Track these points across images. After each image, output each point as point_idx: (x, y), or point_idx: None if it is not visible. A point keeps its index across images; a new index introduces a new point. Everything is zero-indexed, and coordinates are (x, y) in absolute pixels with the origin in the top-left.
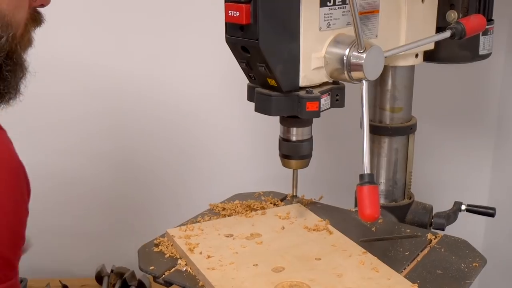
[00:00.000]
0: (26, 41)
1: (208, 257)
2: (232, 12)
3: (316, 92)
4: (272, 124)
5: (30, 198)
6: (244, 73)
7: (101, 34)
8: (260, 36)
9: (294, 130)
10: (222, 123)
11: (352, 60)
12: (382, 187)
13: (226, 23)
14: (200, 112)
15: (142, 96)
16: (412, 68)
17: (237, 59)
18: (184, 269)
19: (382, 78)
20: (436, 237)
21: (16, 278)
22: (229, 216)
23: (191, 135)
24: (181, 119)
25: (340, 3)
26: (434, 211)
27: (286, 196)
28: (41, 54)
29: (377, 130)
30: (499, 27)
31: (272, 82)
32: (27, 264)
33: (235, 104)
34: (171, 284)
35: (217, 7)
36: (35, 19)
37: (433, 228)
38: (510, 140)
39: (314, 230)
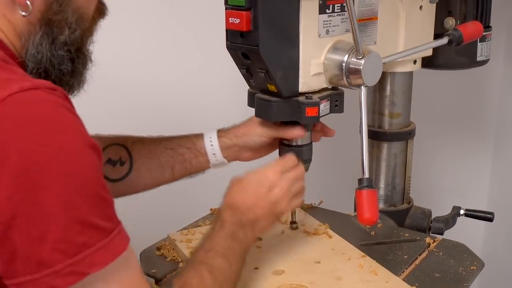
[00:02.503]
0: (92, 33)
1: None
2: (233, 19)
3: (315, 97)
4: None
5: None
6: (245, 79)
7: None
8: (260, 43)
9: None
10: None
11: (351, 66)
12: (381, 192)
13: (226, 30)
14: (201, 116)
15: (142, 99)
16: (410, 74)
17: (237, 65)
18: None
19: (381, 84)
20: (434, 241)
21: (106, 238)
22: None
23: None
24: (182, 123)
25: (339, 10)
26: (433, 216)
27: None
28: None
29: (376, 136)
30: (497, 33)
31: (272, 88)
32: None
33: (236, 109)
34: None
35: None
36: (101, 11)
37: (432, 233)
38: (508, 145)
39: (313, 234)
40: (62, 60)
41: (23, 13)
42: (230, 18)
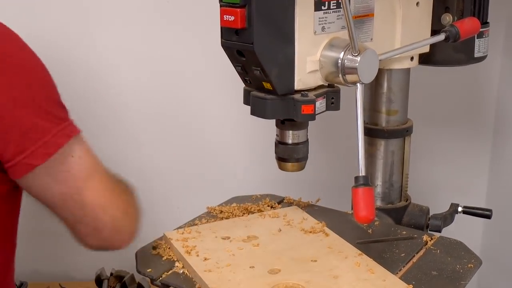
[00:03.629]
0: None
1: (205, 259)
2: (227, 16)
3: (311, 95)
4: (269, 127)
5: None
6: (240, 76)
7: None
8: (255, 40)
9: (290, 133)
10: (219, 126)
11: (347, 63)
12: (378, 189)
13: (221, 28)
14: (197, 115)
15: (138, 100)
16: (407, 71)
17: (232, 63)
18: (181, 272)
19: (377, 81)
20: (432, 239)
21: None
22: (226, 219)
23: (188, 138)
24: (178, 122)
25: (335, 7)
26: (431, 213)
27: (283, 199)
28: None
29: (373, 133)
30: (495, 29)
31: (267, 85)
32: (27, 268)
33: (231, 108)
34: (168, 286)
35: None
36: None
37: (429, 230)
38: (507, 142)
39: (310, 232)
40: None
41: None
42: (224, 16)
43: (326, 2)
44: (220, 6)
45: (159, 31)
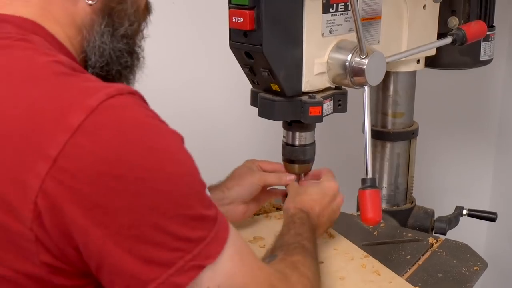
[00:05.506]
0: (142, 30)
1: None
2: (236, 18)
3: (318, 97)
4: (276, 129)
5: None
6: (248, 78)
7: None
8: (263, 42)
9: (297, 135)
10: (225, 128)
11: (354, 65)
12: (384, 191)
13: (230, 29)
14: (202, 117)
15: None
16: (413, 73)
17: (240, 65)
18: None
19: (384, 84)
20: (437, 241)
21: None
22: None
23: (192, 140)
24: (182, 124)
25: (343, 9)
26: (436, 216)
27: None
28: None
29: (379, 135)
30: (500, 33)
31: (275, 87)
32: None
33: (239, 109)
34: None
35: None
36: (148, 8)
37: (434, 233)
38: (511, 145)
39: None
40: (122, 53)
41: (90, 1)
42: (233, 17)
43: (334, 5)
44: (229, 7)
45: (163, 32)
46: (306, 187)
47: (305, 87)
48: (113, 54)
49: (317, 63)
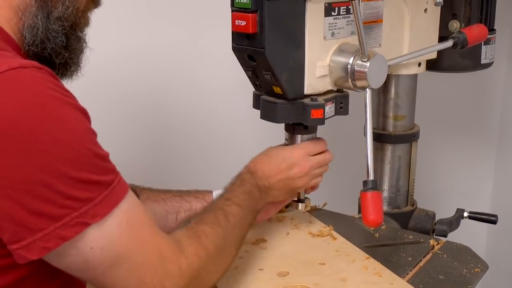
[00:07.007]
0: (85, 19)
1: None
2: (239, 21)
3: (320, 100)
4: (278, 131)
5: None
6: (250, 81)
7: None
8: (266, 45)
9: (298, 137)
10: (228, 130)
11: (356, 68)
12: (385, 194)
13: (232, 32)
14: (204, 119)
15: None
16: (415, 76)
17: (243, 67)
18: None
19: (385, 87)
20: (438, 243)
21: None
22: None
23: (195, 142)
24: (184, 125)
25: (345, 12)
26: (437, 218)
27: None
28: None
29: (380, 138)
30: (501, 36)
31: (277, 90)
32: None
33: (241, 112)
34: None
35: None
36: (94, 1)
37: (435, 235)
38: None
39: (318, 235)
40: (57, 34)
41: None
42: (236, 20)
43: (336, 8)
44: (232, 10)
45: (166, 35)
46: (271, 148)
47: (307, 90)
48: (49, 35)
49: (319, 66)
